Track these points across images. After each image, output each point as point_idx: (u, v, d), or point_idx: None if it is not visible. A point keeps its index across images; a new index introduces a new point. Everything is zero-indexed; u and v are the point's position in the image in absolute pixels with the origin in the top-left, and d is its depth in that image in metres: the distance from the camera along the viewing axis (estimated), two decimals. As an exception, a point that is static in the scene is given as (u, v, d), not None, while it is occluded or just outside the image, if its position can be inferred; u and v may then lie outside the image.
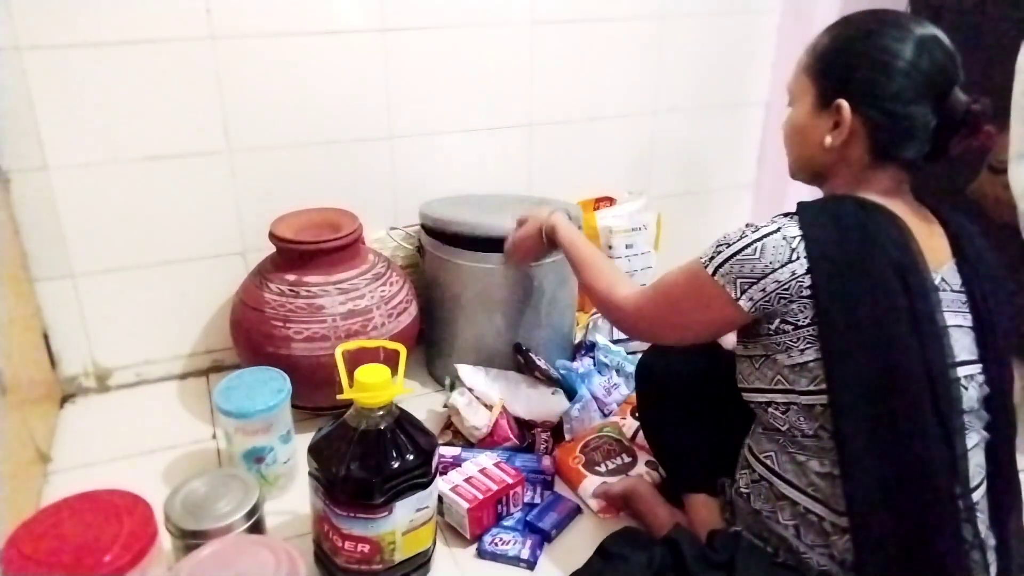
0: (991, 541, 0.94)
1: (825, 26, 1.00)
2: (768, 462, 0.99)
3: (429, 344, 1.69)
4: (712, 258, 0.94)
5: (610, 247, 1.88)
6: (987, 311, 0.95)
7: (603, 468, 1.37)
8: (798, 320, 0.91)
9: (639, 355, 1.62)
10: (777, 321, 0.92)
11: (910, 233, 0.91)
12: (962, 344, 0.93)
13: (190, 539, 1.07)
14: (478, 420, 1.42)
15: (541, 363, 1.53)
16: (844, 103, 0.93)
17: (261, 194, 1.62)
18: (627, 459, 1.39)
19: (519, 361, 1.57)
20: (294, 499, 1.32)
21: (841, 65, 0.95)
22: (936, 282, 0.92)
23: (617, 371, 1.60)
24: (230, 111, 1.55)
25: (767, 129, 2.05)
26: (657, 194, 2.00)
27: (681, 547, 0.99)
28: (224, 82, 1.52)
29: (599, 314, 1.56)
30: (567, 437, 1.46)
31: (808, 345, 0.91)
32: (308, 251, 1.46)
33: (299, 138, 1.62)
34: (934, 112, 0.91)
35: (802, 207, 0.93)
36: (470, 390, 1.46)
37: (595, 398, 1.53)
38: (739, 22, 1.94)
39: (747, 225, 0.95)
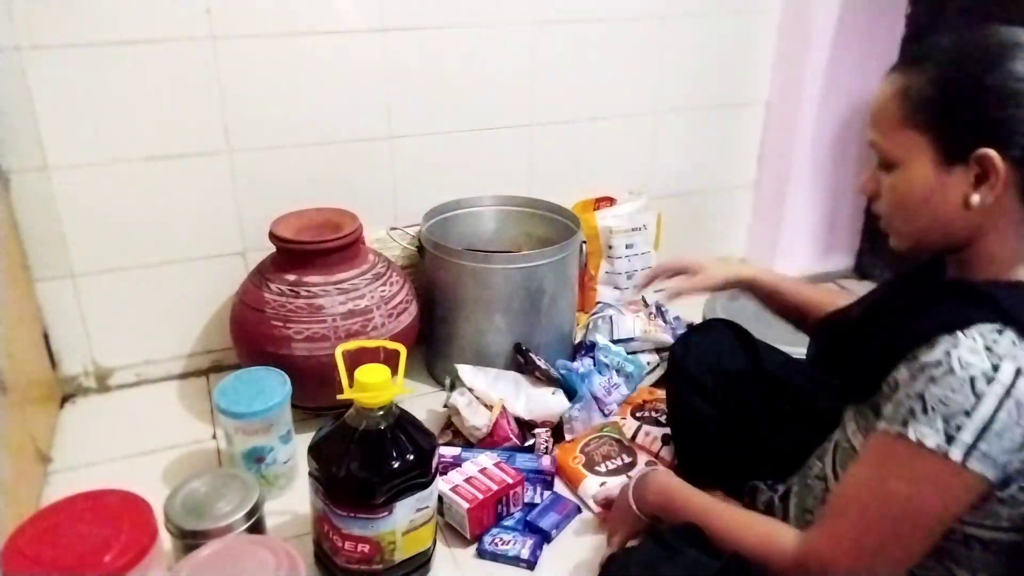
0: None
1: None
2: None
3: (429, 344, 1.69)
4: (951, 439, 0.70)
5: (610, 247, 1.88)
6: None
7: (603, 468, 1.37)
8: None
9: (640, 355, 1.63)
10: (1015, 485, 0.74)
11: None
12: None
13: (190, 539, 1.07)
14: (478, 420, 1.42)
15: (541, 363, 1.53)
16: (992, 152, 0.75)
17: (261, 194, 1.62)
18: (627, 459, 1.39)
19: (519, 361, 1.57)
20: (294, 499, 1.32)
21: (966, 106, 0.76)
22: None
23: (617, 371, 1.60)
24: (230, 111, 1.55)
25: (767, 129, 2.05)
26: (657, 194, 2.00)
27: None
28: (224, 82, 1.52)
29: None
30: (567, 437, 1.46)
31: None
32: (308, 251, 1.46)
33: (299, 138, 1.62)
34: None
35: (1019, 313, 0.73)
36: (470, 390, 1.46)
37: (595, 398, 1.52)
38: (739, 22, 1.94)
39: (962, 368, 0.71)
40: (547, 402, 1.49)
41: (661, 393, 1.49)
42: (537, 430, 1.45)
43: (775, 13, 1.95)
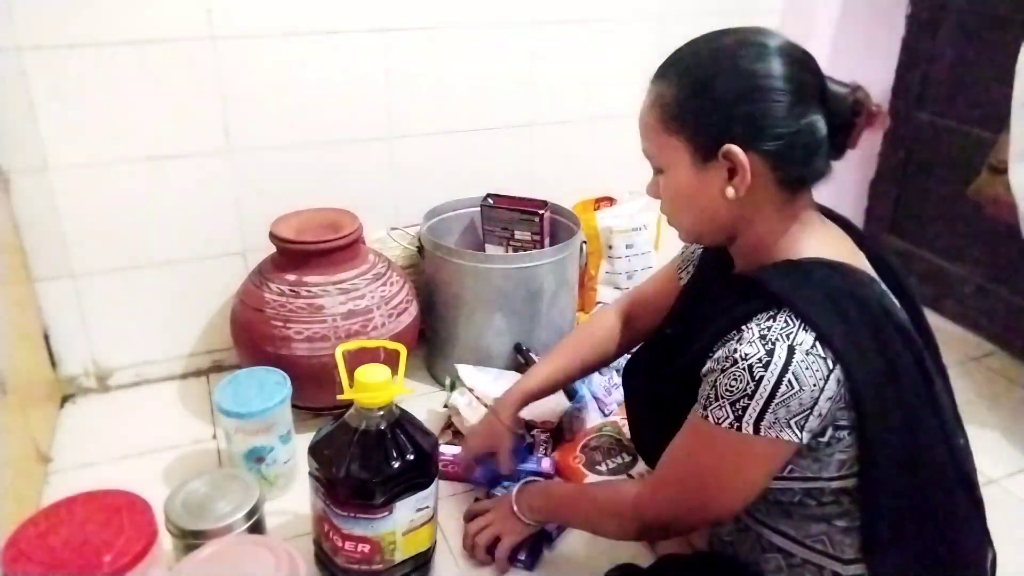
0: None
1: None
2: (759, 515, 0.94)
3: (429, 344, 1.69)
4: (740, 418, 0.80)
5: (610, 247, 1.88)
6: (908, 289, 0.91)
7: (603, 468, 1.37)
8: (845, 421, 0.82)
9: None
10: (829, 431, 0.82)
11: (876, 282, 0.86)
12: None
13: (190, 539, 1.07)
14: (478, 420, 1.42)
15: None
16: (734, 147, 0.82)
17: (261, 194, 1.61)
18: (627, 458, 1.39)
19: (519, 361, 1.57)
20: (294, 499, 1.31)
21: (708, 108, 0.83)
22: None
23: (617, 371, 1.60)
24: (230, 111, 1.55)
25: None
26: (657, 194, 2.00)
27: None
28: (224, 82, 1.52)
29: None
30: (567, 437, 1.46)
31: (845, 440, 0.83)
32: (308, 251, 1.46)
33: (299, 138, 1.62)
34: (822, 116, 0.83)
35: (786, 293, 0.80)
36: (470, 390, 1.46)
37: (595, 398, 1.53)
38: (739, 22, 1.92)
39: (743, 359, 0.79)
40: (547, 402, 1.48)
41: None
42: (535, 431, 1.45)
43: (775, 13, 1.95)
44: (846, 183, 2.12)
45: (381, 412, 1.08)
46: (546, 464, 1.37)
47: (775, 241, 0.87)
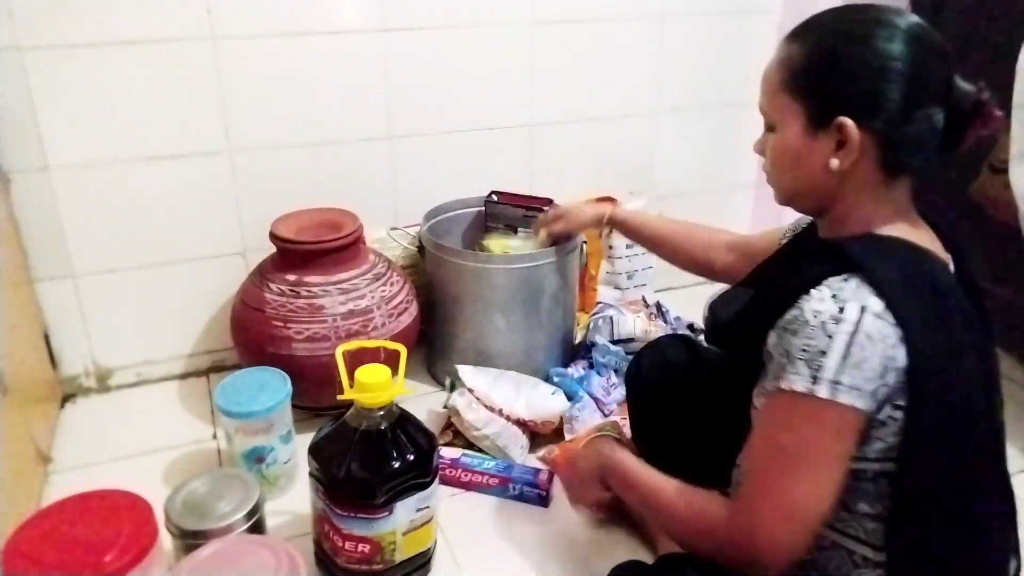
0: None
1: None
2: None
3: (429, 344, 1.69)
4: (816, 379, 0.77)
5: (610, 247, 1.88)
6: (981, 304, 0.92)
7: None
8: (902, 401, 0.79)
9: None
10: (887, 408, 0.79)
11: (951, 274, 0.86)
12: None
13: (190, 539, 1.07)
14: (478, 420, 1.42)
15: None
16: (848, 121, 0.82)
17: (261, 194, 1.62)
18: (627, 459, 1.39)
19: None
20: (294, 499, 1.31)
21: (832, 78, 0.84)
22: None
23: (616, 371, 1.60)
24: (230, 111, 1.55)
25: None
26: (657, 194, 2.00)
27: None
28: (224, 82, 1.52)
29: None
30: (567, 437, 1.46)
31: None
32: (309, 251, 1.46)
33: (299, 138, 1.62)
34: (942, 110, 0.83)
35: (864, 259, 0.80)
36: (470, 391, 1.46)
37: (595, 399, 1.53)
38: (739, 22, 1.94)
39: (814, 316, 0.78)
40: (547, 402, 1.49)
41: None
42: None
43: (775, 13, 1.95)
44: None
45: (381, 412, 1.08)
46: (542, 478, 1.35)
47: (865, 217, 0.88)
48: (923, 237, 0.88)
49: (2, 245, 1.38)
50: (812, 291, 0.80)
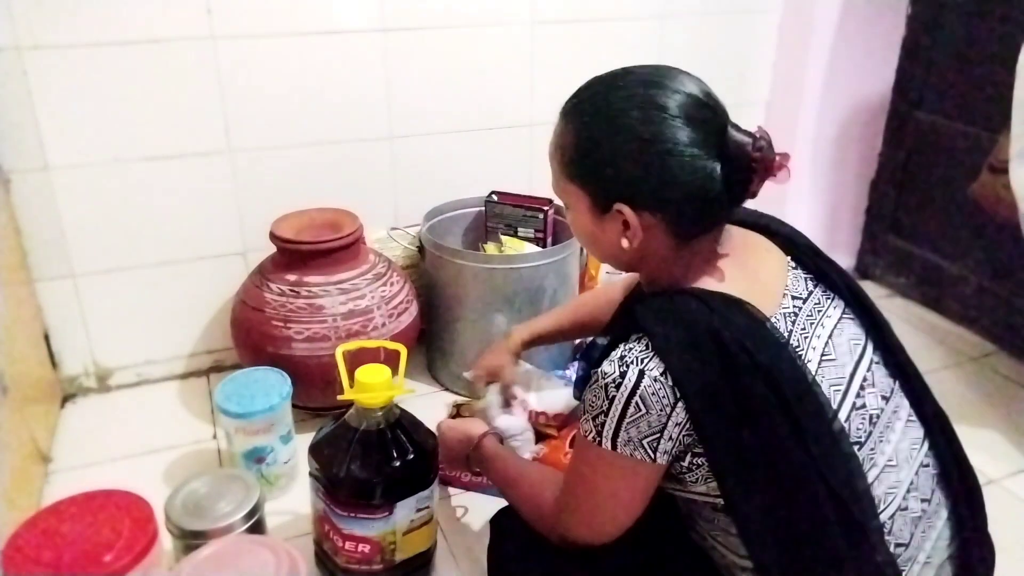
0: (924, 549, 0.89)
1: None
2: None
3: (429, 344, 1.69)
4: (600, 433, 0.83)
5: (610, 247, 1.88)
6: (852, 289, 0.92)
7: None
8: (700, 449, 0.82)
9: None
10: (688, 457, 0.83)
11: (761, 318, 0.83)
12: (843, 345, 0.88)
13: (190, 539, 1.07)
14: (503, 423, 1.36)
15: None
16: (625, 208, 0.82)
17: (261, 194, 1.62)
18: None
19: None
20: (294, 499, 1.32)
21: (599, 167, 0.84)
22: (790, 310, 0.87)
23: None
24: (230, 111, 1.55)
25: (767, 129, 2.05)
26: (657, 194, 2.00)
27: None
28: (224, 82, 1.52)
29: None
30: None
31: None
32: (309, 251, 1.46)
33: (299, 138, 1.62)
34: (721, 170, 0.81)
35: (648, 324, 0.82)
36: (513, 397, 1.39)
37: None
38: (739, 22, 1.94)
39: (603, 377, 0.82)
40: (559, 395, 1.47)
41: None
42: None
43: (775, 13, 1.95)
44: (846, 183, 2.12)
45: (381, 412, 1.08)
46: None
47: (673, 275, 0.89)
48: (739, 280, 0.87)
49: (2, 245, 1.38)
50: (613, 350, 0.85)
